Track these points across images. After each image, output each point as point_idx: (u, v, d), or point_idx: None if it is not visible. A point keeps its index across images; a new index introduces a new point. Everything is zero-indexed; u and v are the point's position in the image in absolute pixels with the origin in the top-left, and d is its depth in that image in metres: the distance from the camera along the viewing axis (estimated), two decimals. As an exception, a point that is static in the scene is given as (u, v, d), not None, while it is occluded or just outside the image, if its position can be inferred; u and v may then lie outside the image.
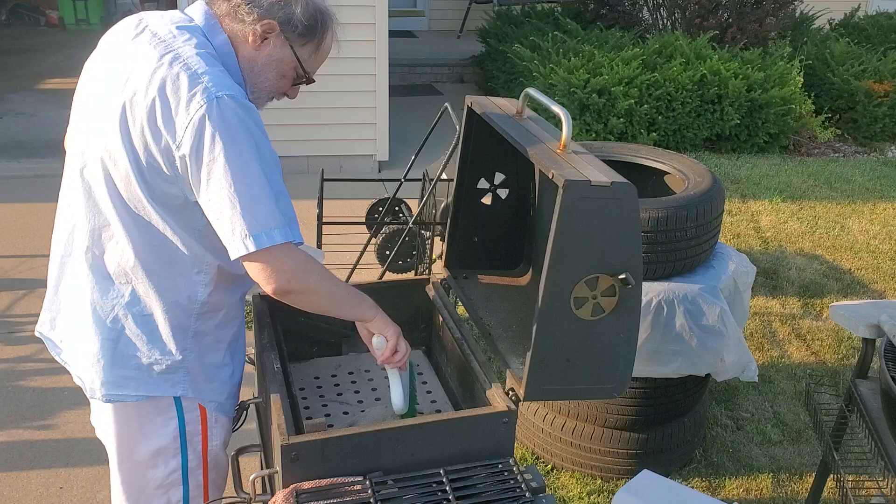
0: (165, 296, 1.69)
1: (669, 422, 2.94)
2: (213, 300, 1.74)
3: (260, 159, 1.55)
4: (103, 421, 1.79)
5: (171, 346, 1.71)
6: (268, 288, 1.60)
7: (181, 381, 1.75)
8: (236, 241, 1.54)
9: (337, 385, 2.12)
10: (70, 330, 1.77)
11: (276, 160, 1.61)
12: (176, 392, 1.75)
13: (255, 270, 1.59)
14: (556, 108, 1.70)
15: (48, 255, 1.81)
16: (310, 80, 1.79)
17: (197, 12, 1.69)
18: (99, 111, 1.62)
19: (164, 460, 1.80)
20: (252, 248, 1.54)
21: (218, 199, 1.54)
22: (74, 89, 1.76)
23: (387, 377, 1.87)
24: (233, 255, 1.57)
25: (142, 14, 1.72)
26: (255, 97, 1.72)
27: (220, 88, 1.54)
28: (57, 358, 1.85)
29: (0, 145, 5.97)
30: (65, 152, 1.78)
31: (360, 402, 2.08)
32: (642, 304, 1.78)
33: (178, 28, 1.64)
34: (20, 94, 7.29)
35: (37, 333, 1.86)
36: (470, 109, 2.07)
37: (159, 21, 1.67)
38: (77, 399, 3.18)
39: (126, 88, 1.57)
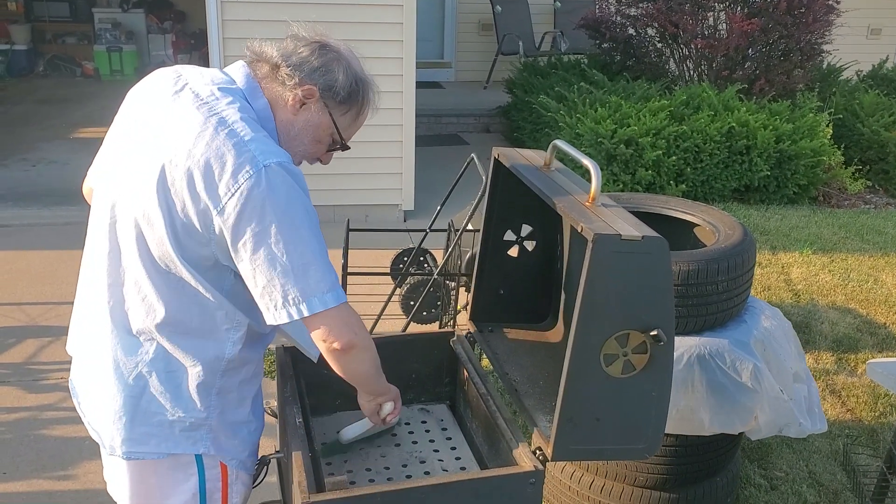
0: (192, 353, 1.66)
1: (701, 481, 2.85)
2: (239, 357, 1.71)
3: (310, 224, 1.56)
4: (119, 477, 1.75)
5: (196, 404, 1.68)
6: (336, 344, 1.60)
7: (203, 439, 1.71)
8: (290, 307, 1.54)
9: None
10: (89, 383, 1.75)
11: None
12: (198, 450, 1.71)
13: (322, 331, 1.58)
14: (586, 161, 1.67)
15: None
16: (345, 147, 1.78)
17: (238, 74, 1.68)
18: (133, 167, 1.59)
19: None
20: (306, 313, 1.54)
21: (268, 267, 1.53)
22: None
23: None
24: (282, 320, 1.56)
25: (178, 68, 1.69)
26: None
27: (268, 157, 1.53)
28: (77, 408, 1.82)
29: (32, 193, 6.06)
30: (83, 197, 1.75)
31: (383, 456, 2.03)
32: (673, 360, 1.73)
33: (220, 90, 1.62)
34: (53, 143, 7.43)
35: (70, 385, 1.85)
36: (497, 161, 2.05)
37: (199, 80, 1.64)
38: (98, 449, 3.15)
39: (166, 149, 1.55)
